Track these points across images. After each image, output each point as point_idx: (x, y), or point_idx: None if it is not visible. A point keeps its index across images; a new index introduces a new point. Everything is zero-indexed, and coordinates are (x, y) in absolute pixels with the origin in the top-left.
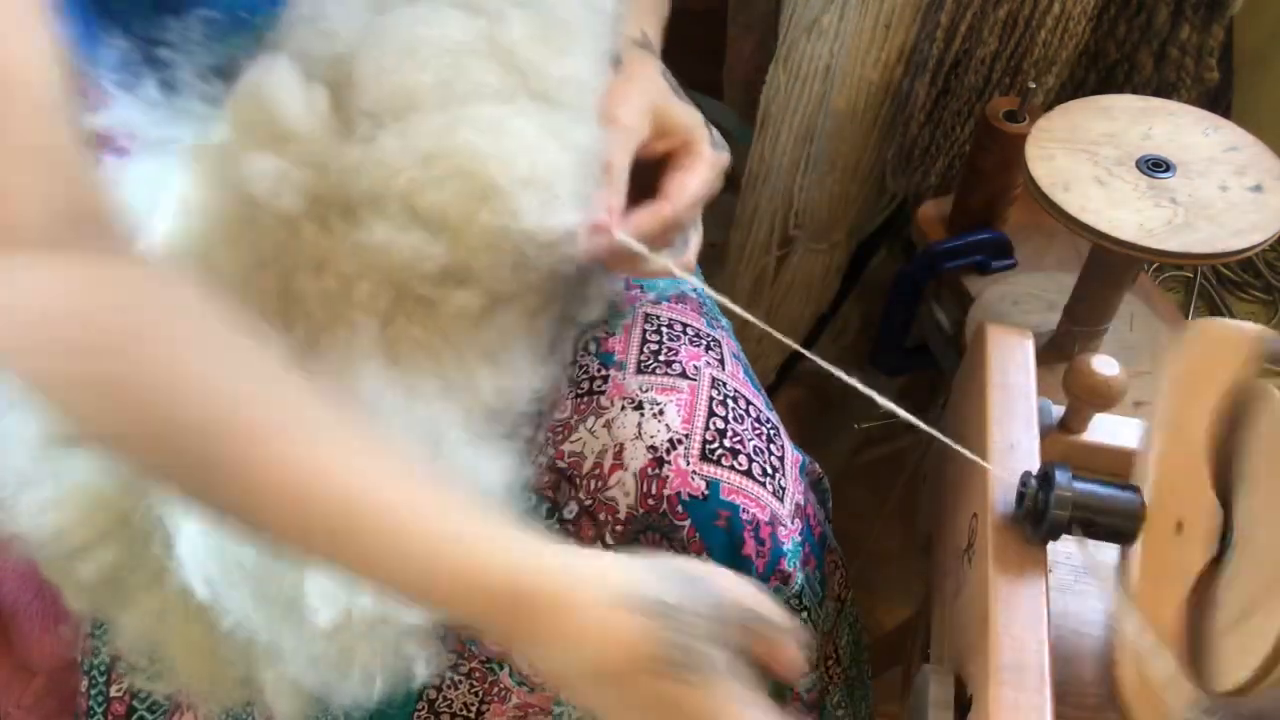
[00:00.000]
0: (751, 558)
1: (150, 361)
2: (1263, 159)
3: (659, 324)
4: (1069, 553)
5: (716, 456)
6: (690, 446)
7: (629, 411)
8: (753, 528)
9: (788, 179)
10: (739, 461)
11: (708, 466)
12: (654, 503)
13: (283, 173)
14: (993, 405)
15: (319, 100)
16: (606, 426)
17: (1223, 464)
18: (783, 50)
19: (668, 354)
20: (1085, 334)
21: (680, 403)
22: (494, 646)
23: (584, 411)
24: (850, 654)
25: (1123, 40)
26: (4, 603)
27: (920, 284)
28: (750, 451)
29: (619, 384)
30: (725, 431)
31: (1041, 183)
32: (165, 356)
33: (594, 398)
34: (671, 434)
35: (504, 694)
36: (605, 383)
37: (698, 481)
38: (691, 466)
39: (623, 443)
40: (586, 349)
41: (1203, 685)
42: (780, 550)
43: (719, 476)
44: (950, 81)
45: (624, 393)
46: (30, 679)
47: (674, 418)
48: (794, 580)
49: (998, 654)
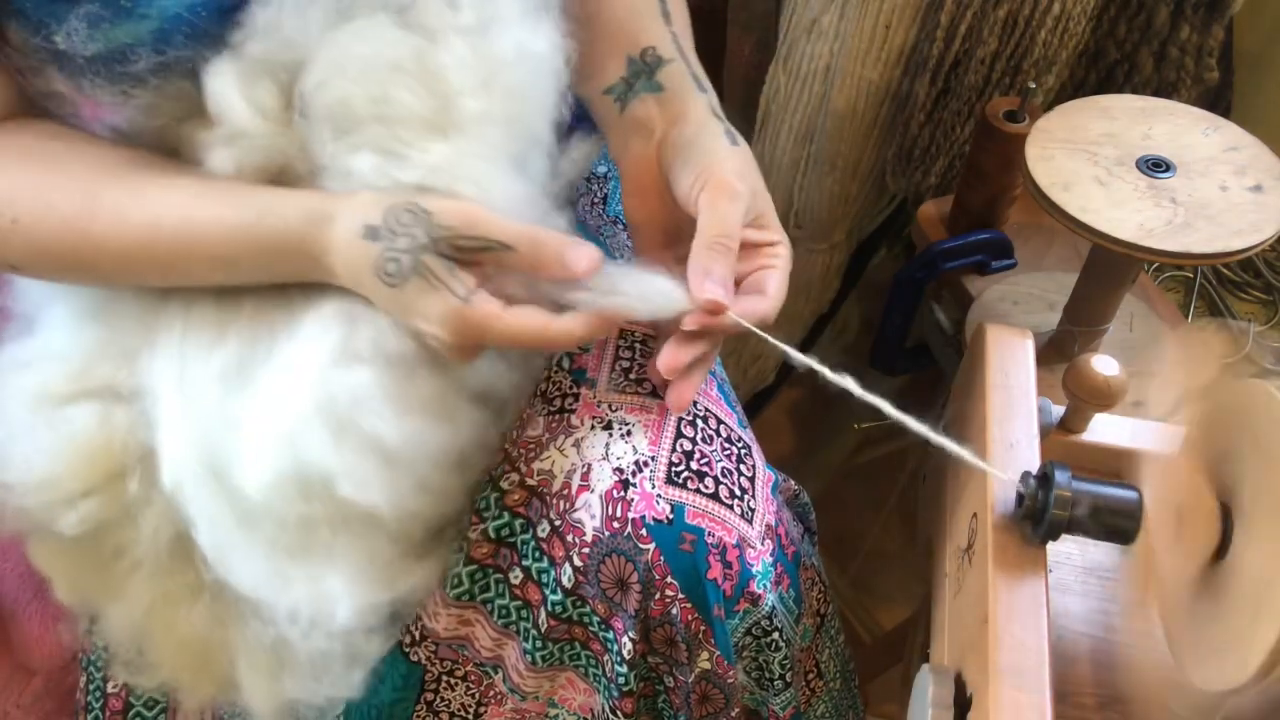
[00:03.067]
0: (718, 581)
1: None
2: (1263, 159)
3: (633, 340)
4: (1069, 553)
5: (682, 479)
6: (656, 469)
7: (598, 431)
8: (719, 551)
9: (788, 179)
10: (705, 484)
11: (673, 490)
12: (618, 525)
13: (239, 160)
14: (993, 405)
15: (264, 97)
16: (576, 446)
17: (1222, 464)
18: (783, 50)
19: (639, 372)
20: (1085, 334)
21: (649, 423)
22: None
23: (555, 430)
24: (834, 667)
25: (1123, 40)
26: (4, 603)
27: (920, 284)
28: (718, 473)
29: (589, 402)
30: (693, 453)
31: (1041, 183)
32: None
33: (564, 415)
34: (638, 456)
35: (500, 697)
36: (576, 400)
37: (662, 505)
38: (657, 490)
39: (590, 463)
40: (560, 365)
41: (1203, 685)
42: (749, 572)
43: (684, 500)
44: (950, 81)
45: (594, 411)
46: (29, 679)
47: (641, 439)
48: (764, 601)
49: (998, 654)
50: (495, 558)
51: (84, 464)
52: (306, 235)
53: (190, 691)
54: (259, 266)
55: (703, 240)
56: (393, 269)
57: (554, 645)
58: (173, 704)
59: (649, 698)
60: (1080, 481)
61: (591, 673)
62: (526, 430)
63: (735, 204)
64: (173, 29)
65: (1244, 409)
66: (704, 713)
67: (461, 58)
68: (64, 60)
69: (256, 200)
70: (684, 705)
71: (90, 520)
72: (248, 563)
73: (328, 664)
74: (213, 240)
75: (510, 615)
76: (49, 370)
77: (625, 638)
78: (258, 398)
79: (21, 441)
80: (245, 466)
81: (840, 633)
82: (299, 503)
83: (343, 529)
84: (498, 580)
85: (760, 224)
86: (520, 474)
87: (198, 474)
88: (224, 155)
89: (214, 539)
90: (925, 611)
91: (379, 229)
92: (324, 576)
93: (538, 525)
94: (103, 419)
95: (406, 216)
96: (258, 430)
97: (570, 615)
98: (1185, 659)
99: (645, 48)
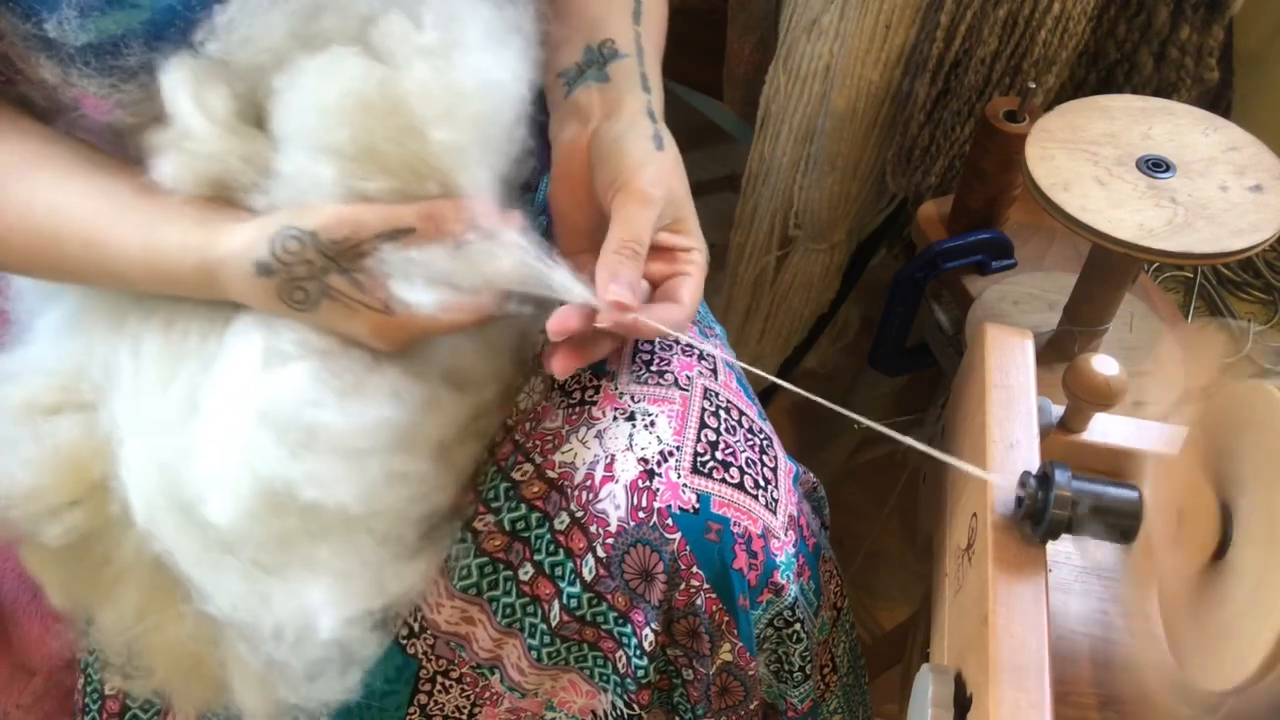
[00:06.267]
0: (743, 571)
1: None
2: (1263, 159)
3: None
4: (1069, 553)
5: (708, 469)
6: (681, 459)
7: (620, 422)
8: (744, 541)
9: (788, 179)
10: (730, 474)
11: (699, 479)
12: (644, 515)
13: (176, 171)
14: (993, 405)
15: (215, 101)
16: (598, 437)
17: (1222, 464)
18: (783, 50)
19: (660, 364)
20: (1085, 334)
21: (672, 414)
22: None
23: (575, 421)
24: (847, 662)
25: (1123, 40)
26: (4, 603)
27: (920, 284)
28: (742, 464)
29: (610, 394)
30: (717, 443)
31: (1041, 183)
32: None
33: (585, 408)
34: (663, 446)
35: (496, 698)
36: (597, 393)
37: (688, 494)
38: (682, 479)
39: (614, 454)
40: None
41: (1203, 685)
42: (773, 563)
43: (710, 489)
44: (950, 81)
45: (616, 403)
46: (29, 679)
47: (665, 429)
48: (787, 592)
49: (998, 654)
50: (507, 552)
51: (68, 475)
52: (203, 280)
53: (183, 696)
54: (167, 291)
55: (611, 244)
56: (300, 297)
57: (562, 644)
58: (168, 707)
59: (665, 691)
60: (1080, 481)
61: (599, 673)
62: (544, 422)
63: (646, 210)
64: (165, 22)
65: (1244, 409)
66: (723, 705)
67: (424, 84)
68: (54, 48)
69: (156, 237)
70: (703, 698)
71: (75, 531)
72: (224, 587)
73: (322, 669)
74: (116, 268)
75: (515, 614)
76: (35, 382)
77: (647, 629)
78: (205, 424)
79: (6, 452)
80: (209, 497)
81: (854, 627)
82: (272, 521)
83: (322, 539)
84: (507, 577)
85: (678, 229)
86: (537, 465)
87: (165, 510)
88: (166, 163)
89: (190, 569)
90: (925, 611)
91: (269, 264)
92: (304, 590)
93: (555, 518)
94: (86, 430)
95: (293, 244)
96: (212, 457)
97: (585, 613)
98: (1185, 659)
99: (605, 39)
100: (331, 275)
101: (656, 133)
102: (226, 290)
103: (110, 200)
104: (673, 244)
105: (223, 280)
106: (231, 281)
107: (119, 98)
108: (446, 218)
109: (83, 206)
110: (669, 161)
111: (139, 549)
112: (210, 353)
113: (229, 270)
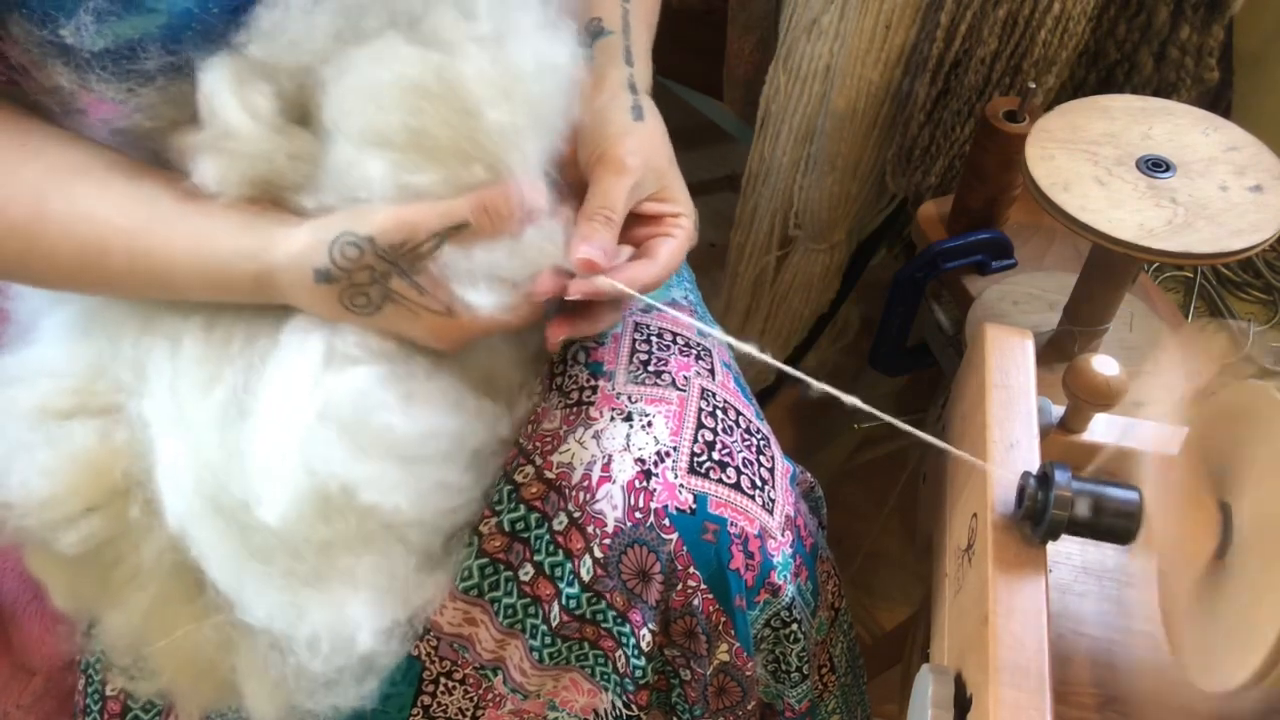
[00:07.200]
0: (740, 571)
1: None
2: (1263, 159)
3: (649, 333)
4: (1069, 553)
5: (704, 469)
6: (678, 459)
7: (618, 423)
8: (741, 541)
9: (788, 179)
10: (727, 474)
11: (695, 480)
12: (641, 516)
13: (223, 172)
14: (993, 405)
15: (259, 99)
16: (595, 438)
17: (1223, 464)
18: (783, 50)
19: (657, 364)
20: (1085, 334)
21: (669, 414)
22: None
23: (573, 422)
24: (846, 662)
25: (1123, 40)
26: (4, 603)
27: (920, 284)
28: (739, 464)
29: (608, 394)
30: (714, 444)
31: (1041, 183)
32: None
33: (583, 408)
34: (660, 446)
35: (499, 700)
36: (594, 393)
37: (685, 495)
38: (679, 480)
39: (611, 454)
40: (575, 358)
41: (1203, 685)
42: (770, 563)
43: (707, 490)
44: (950, 81)
45: (613, 403)
46: (29, 679)
47: (662, 430)
48: (784, 592)
49: (998, 654)
50: (508, 553)
51: (85, 482)
52: (259, 287)
53: (189, 698)
54: (220, 298)
55: (585, 211)
56: (362, 302)
57: (563, 643)
58: (170, 708)
59: (662, 691)
60: (1080, 481)
61: (599, 671)
62: (543, 423)
63: (621, 179)
64: (182, 25)
65: (1244, 409)
66: (721, 705)
67: (481, 68)
68: (71, 54)
69: (207, 245)
70: (700, 699)
71: (93, 539)
72: (262, 596)
73: (341, 678)
74: (167, 278)
75: (516, 614)
76: (47, 385)
77: (644, 629)
78: (258, 424)
79: (20, 458)
80: (260, 497)
81: (852, 627)
82: (319, 526)
83: (364, 549)
84: (508, 578)
85: (663, 196)
86: (536, 466)
87: (204, 514)
88: (208, 165)
89: (226, 577)
90: (925, 611)
91: (330, 271)
92: (345, 603)
93: (554, 519)
94: (103, 435)
95: (351, 250)
96: (266, 456)
97: (584, 612)
98: (1185, 659)
99: (593, 18)
100: (393, 280)
101: (636, 103)
102: (285, 296)
103: (155, 209)
104: (659, 211)
105: (281, 287)
106: (291, 288)
107: (136, 101)
108: (499, 206)
109: (129, 218)
110: (648, 131)
111: (159, 553)
112: (258, 355)
113: (287, 277)
